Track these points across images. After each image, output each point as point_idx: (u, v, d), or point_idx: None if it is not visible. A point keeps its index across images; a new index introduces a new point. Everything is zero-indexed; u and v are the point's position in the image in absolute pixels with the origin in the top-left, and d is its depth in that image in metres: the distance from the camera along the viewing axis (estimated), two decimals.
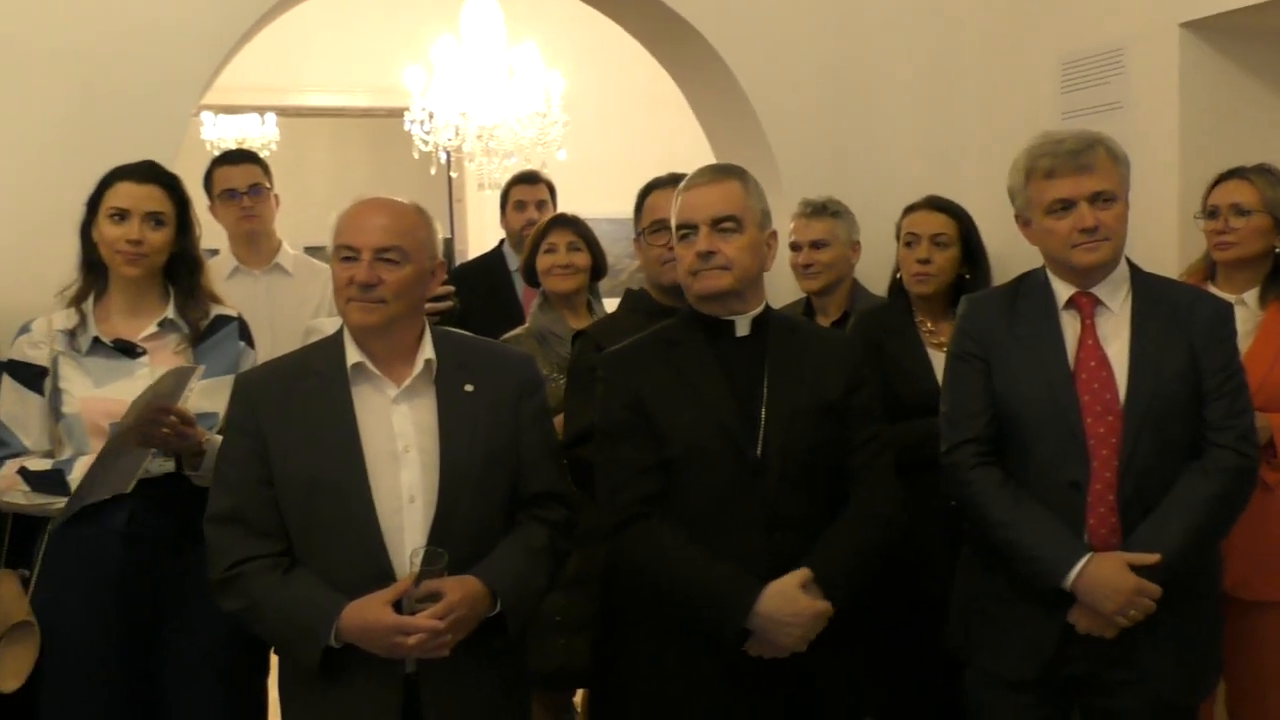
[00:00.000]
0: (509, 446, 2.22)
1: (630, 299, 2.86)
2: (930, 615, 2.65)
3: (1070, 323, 2.33)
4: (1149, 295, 2.33)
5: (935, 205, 3.09)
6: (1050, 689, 2.33)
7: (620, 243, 4.21)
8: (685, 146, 4.68)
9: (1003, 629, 2.35)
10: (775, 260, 2.39)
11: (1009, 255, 3.12)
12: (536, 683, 2.69)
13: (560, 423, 2.88)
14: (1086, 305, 2.32)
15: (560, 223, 3.26)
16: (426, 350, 2.21)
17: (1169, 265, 3.02)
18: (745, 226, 2.25)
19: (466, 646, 2.09)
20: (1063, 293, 2.34)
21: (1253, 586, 2.66)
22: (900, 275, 3.10)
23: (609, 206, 4.36)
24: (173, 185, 2.58)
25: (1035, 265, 2.43)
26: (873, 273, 3.39)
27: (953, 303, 2.77)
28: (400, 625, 2.02)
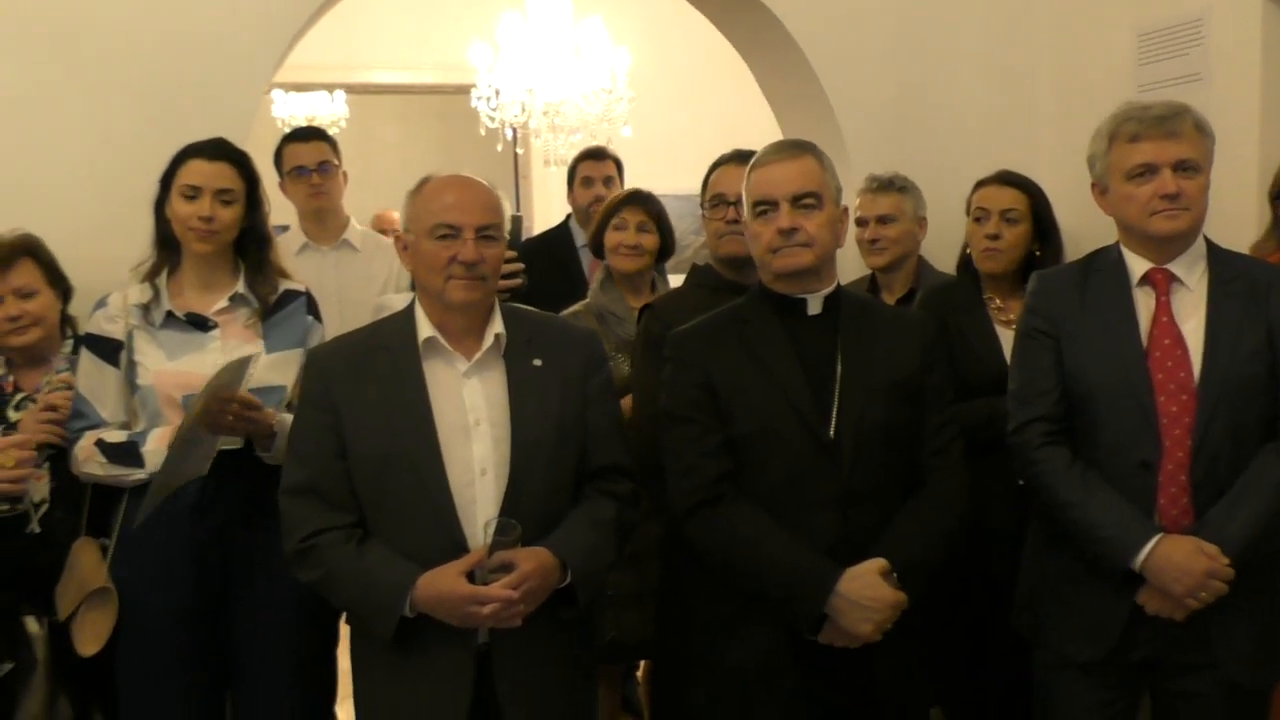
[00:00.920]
0: (577, 420, 2.24)
1: (695, 274, 2.86)
2: (995, 597, 2.63)
3: (1144, 300, 2.29)
4: (1226, 272, 2.28)
5: (1006, 180, 3.03)
6: (1121, 671, 2.31)
7: (685, 219, 4.21)
8: (750, 122, 4.65)
9: (1073, 609, 2.33)
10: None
11: (1082, 232, 3.07)
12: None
13: (628, 402, 2.91)
14: (1161, 281, 2.28)
15: (634, 200, 3.24)
16: (496, 325, 2.23)
17: (1246, 243, 2.94)
18: (824, 203, 2.25)
19: (537, 618, 2.11)
20: (1137, 268, 2.30)
21: None
22: (970, 251, 3.06)
23: (673, 183, 4.35)
24: (242, 162, 2.61)
25: (1109, 242, 2.39)
26: (940, 251, 3.35)
27: (1023, 280, 2.73)
28: (475, 595, 2.04)
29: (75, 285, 2.79)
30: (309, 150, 3.66)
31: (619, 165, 4.26)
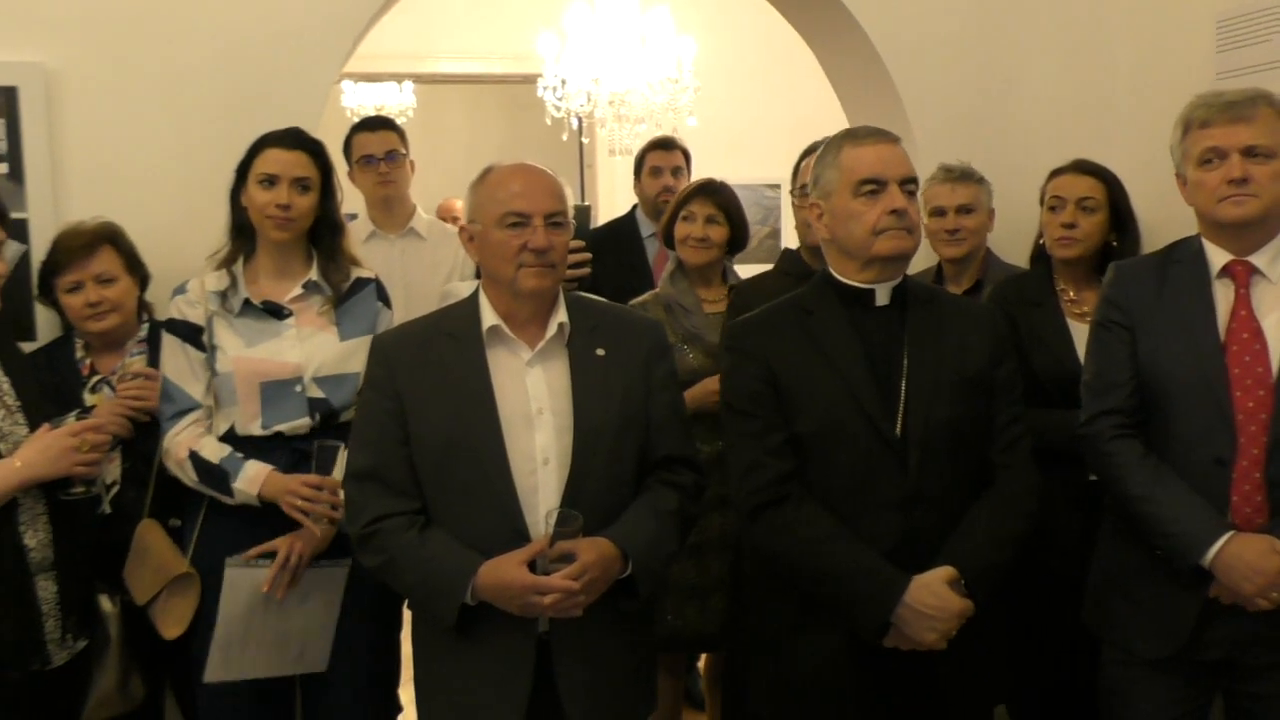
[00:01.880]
0: (640, 410, 2.23)
1: (784, 260, 2.83)
2: (1061, 596, 2.59)
3: (1224, 292, 2.24)
4: None
5: (1083, 168, 2.98)
6: (1191, 670, 2.27)
7: (751, 209, 4.18)
8: (817, 113, 4.61)
9: (1142, 606, 2.29)
10: None
11: (1160, 223, 2.99)
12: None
13: (701, 389, 2.91)
14: (1242, 274, 2.23)
15: (704, 191, 3.22)
16: (560, 314, 2.23)
17: None
18: (917, 193, 2.25)
19: (598, 608, 2.11)
20: (1217, 260, 2.25)
21: None
22: (1043, 241, 3.00)
23: (740, 172, 4.33)
24: (318, 151, 2.64)
25: (1189, 234, 2.34)
26: (1010, 245, 3.30)
27: (1099, 271, 2.68)
28: (536, 585, 2.05)
29: (152, 272, 2.84)
30: (377, 139, 3.70)
31: (687, 155, 4.25)
